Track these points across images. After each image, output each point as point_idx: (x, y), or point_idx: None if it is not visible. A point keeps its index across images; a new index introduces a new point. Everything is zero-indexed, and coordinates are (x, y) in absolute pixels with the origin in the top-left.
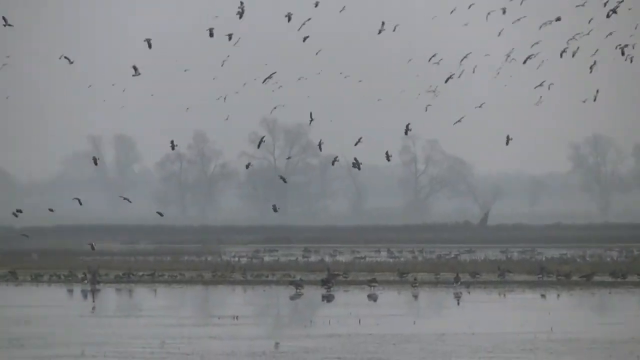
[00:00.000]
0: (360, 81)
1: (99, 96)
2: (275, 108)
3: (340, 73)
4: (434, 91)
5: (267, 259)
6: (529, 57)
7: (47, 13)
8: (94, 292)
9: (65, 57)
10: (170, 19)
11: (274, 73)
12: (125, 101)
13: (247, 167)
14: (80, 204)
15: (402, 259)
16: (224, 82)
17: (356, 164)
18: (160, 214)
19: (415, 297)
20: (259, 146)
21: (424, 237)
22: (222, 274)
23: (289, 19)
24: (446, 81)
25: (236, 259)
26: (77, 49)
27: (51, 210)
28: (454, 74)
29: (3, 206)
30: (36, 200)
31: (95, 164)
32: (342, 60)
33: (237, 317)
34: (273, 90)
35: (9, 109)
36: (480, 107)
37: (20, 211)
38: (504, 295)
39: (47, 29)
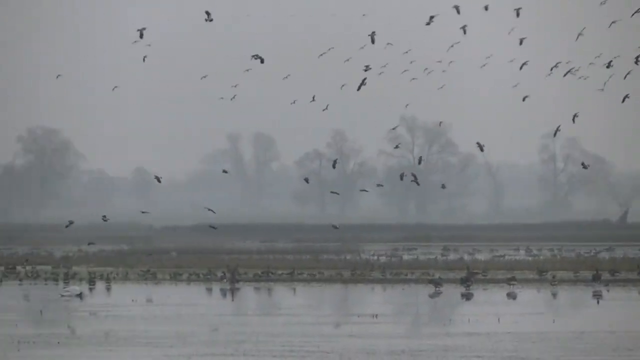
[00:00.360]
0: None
1: (234, 95)
2: (407, 105)
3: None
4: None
5: (406, 257)
6: None
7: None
8: (233, 290)
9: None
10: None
11: (365, 79)
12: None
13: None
14: (214, 212)
15: (541, 257)
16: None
17: (480, 147)
18: (213, 211)
19: (554, 295)
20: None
21: (563, 235)
22: (361, 273)
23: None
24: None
25: (375, 257)
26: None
27: (105, 219)
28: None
29: (142, 205)
30: (176, 199)
31: (225, 171)
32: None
33: (376, 316)
34: (412, 80)
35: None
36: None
37: (71, 222)
38: None
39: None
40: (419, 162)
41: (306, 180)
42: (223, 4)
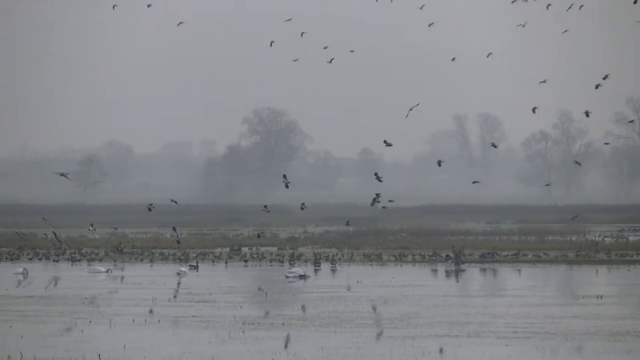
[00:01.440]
0: None
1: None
2: None
3: None
4: None
5: (632, 238)
6: None
7: None
8: (458, 272)
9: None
10: None
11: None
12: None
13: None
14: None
15: None
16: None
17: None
18: (175, 202)
19: None
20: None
21: None
22: (586, 254)
23: None
24: None
25: (600, 238)
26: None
27: (91, 227)
28: None
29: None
30: (402, 180)
31: (379, 179)
32: None
33: (601, 297)
34: None
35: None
36: None
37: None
38: None
39: None
40: None
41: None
42: None
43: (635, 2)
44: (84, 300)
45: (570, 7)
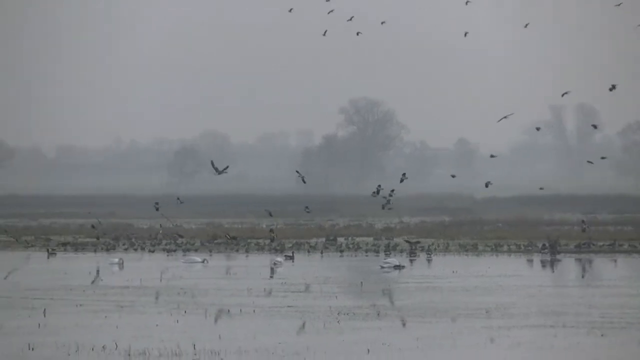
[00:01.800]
0: None
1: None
2: None
3: None
4: None
5: None
6: None
7: None
8: (554, 262)
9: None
10: None
11: None
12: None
13: None
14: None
15: None
16: None
17: None
18: (180, 201)
19: None
20: None
21: None
22: None
23: None
24: None
25: None
26: None
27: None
28: None
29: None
30: (498, 170)
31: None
32: None
33: None
34: None
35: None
36: None
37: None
38: None
39: None
40: None
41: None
42: None
43: None
44: (179, 291)
45: None
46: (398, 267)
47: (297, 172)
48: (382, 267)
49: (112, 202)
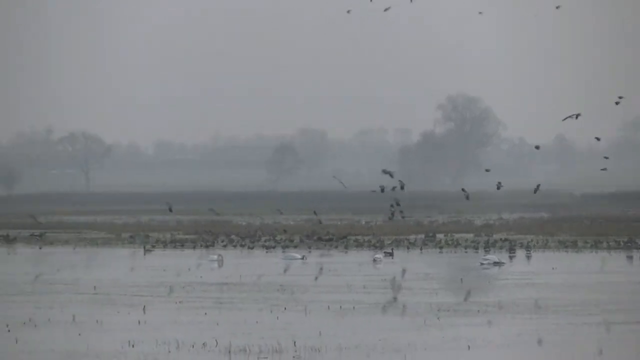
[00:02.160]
0: None
1: None
2: None
3: None
4: None
5: None
6: None
7: None
8: None
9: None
10: None
11: None
12: None
13: None
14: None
15: None
16: None
17: None
18: (170, 209)
19: None
20: None
21: None
22: None
23: None
24: None
25: None
26: None
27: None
28: None
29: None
30: (596, 166)
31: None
32: None
33: None
34: None
35: None
36: None
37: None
38: None
39: None
40: None
41: None
42: None
43: None
44: (279, 287)
45: None
46: (497, 264)
47: (383, 170)
48: (482, 264)
49: (209, 198)
